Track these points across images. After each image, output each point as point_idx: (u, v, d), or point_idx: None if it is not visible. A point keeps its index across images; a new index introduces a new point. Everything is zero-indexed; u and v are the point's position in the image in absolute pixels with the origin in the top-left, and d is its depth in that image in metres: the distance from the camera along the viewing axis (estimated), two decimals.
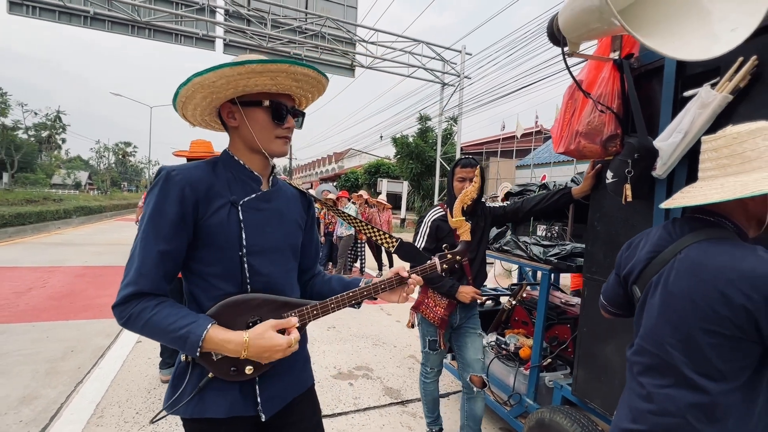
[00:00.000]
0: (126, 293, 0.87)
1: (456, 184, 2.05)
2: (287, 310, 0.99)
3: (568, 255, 2.13)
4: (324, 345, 3.87)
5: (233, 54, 12.78)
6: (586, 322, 1.80)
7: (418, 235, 2.11)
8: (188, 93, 0.94)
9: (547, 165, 15.05)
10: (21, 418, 2.36)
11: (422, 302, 2.13)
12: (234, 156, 1.02)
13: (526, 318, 2.69)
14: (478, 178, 1.97)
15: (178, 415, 0.97)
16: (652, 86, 1.52)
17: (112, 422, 2.39)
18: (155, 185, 0.92)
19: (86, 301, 4.78)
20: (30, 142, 30.23)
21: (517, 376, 2.31)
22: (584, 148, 1.64)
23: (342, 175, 27.14)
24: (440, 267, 1.15)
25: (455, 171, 2.07)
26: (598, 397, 1.70)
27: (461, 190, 2.00)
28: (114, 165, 51.35)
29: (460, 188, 2.02)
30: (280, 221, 1.05)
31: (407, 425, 2.58)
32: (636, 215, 1.57)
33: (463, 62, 14.87)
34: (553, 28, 1.41)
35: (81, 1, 10.94)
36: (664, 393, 0.86)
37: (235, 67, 0.88)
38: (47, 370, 2.99)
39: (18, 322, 3.93)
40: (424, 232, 2.08)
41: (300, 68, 0.94)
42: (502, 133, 19.33)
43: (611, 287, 1.14)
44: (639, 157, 1.39)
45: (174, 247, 0.91)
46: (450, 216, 1.49)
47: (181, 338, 0.86)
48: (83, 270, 6.50)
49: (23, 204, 12.06)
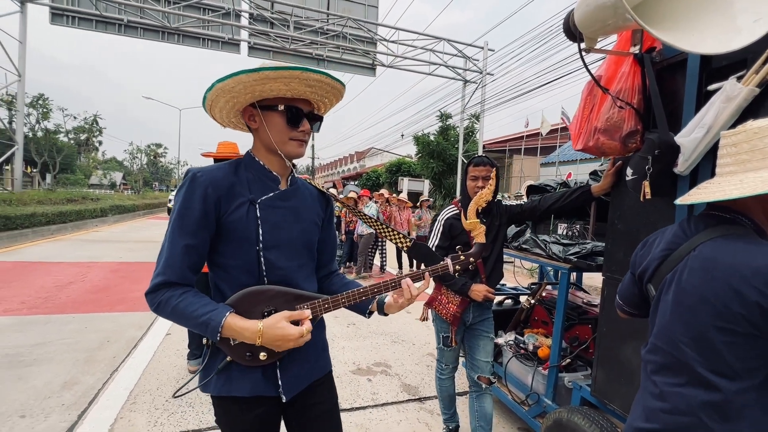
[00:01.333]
0: (156, 282, 0.96)
1: (468, 183, 2.05)
2: (300, 302, 1.04)
3: (589, 254, 2.09)
4: (343, 341, 3.94)
5: (257, 57, 13.10)
6: (606, 322, 1.77)
7: (432, 233, 2.14)
8: (213, 97, 1.01)
9: (572, 162, 14.62)
10: (63, 402, 2.53)
11: (435, 299, 2.15)
12: (255, 157, 1.09)
13: (546, 317, 2.66)
14: (493, 179, 1.96)
15: (208, 392, 1.06)
16: (675, 80, 1.48)
17: (144, 408, 2.53)
18: (182, 185, 1.00)
19: (121, 295, 5.05)
20: (70, 145, 32.01)
21: (536, 376, 2.28)
22: (603, 145, 1.61)
23: (363, 173, 27.32)
24: (452, 268, 1.16)
25: (468, 169, 2.07)
26: (617, 399, 1.67)
27: (474, 189, 2.00)
28: (146, 166, 53.64)
29: (473, 187, 2.01)
30: (296, 219, 1.10)
31: (424, 422, 2.60)
32: (657, 213, 1.53)
33: (485, 59, 14.66)
34: (569, 24, 1.39)
35: (116, 10, 11.51)
36: (676, 391, 0.85)
37: (251, 74, 0.94)
38: (86, 358, 3.19)
39: (60, 314, 4.20)
40: (437, 231, 2.10)
41: (313, 74, 0.98)
42: (526, 130, 18.92)
43: (626, 287, 1.12)
44: (660, 154, 1.35)
45: (198, 242, 0.99)
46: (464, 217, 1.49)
47: (203, 324, 0.94)
48: (118, 266, 6.85)
49: (64, 203, 12.81)
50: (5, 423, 2.27)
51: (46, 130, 25.22)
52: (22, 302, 4.47)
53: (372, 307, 1.19)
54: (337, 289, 1.24)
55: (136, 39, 11.98)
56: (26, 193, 12.82)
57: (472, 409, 2.15)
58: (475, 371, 2.13)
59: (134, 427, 2.32)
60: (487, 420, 2.11)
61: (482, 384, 2.11)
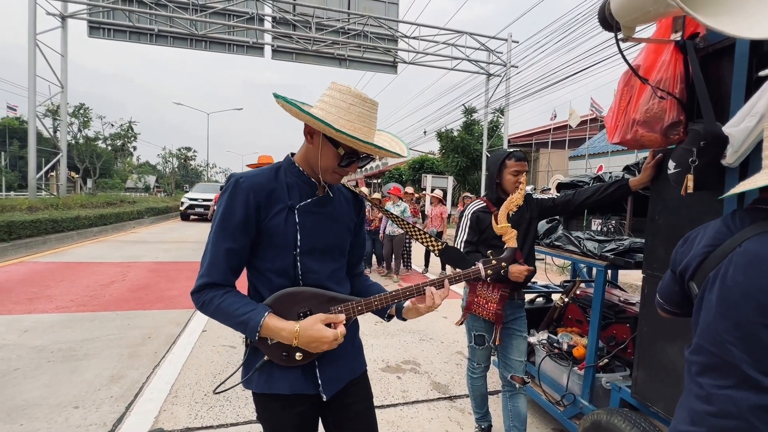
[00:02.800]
0: (200, 283, 1.01)
1: (509, 178, 1.99)
2: (334, 304, 1.07)
3: (627, 250, 2.01)
4: (372, 339, 3.97)
5: (281, 59, 13.34)
6: (648, 321, 1.70)
7: (460, 229, 2.10)
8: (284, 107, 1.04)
9: (603, 155, 14.08)
10: (111, 394, 2.69)
11: (473, 302, 2.10)
12: (295, 163, 1.12)
13: (580, 316, 2.58)
14: (525, 179, 1.92)
15: (250, 389, 1.11)
16: (722, 67, 1.40)
17: (185, 402, 2.65)
18: (225, 190, 1.04)
19: (159, 293, 5.30)
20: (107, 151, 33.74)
21: (571, 376, 2.23)
22: (642, 138, 1.55)
23: (386, 171, 27.32)
24: (484, 272, 1.16)
25: (507, 164, 1.99)
26: (661, 401, 1.61)
27: (515, 183, 1.95)
28: (177, 169, 55.78)
29: (514, 182, 1.96)
30: (332, 224, 1.14)
31: (456, 420, 2.59)
32: (702, 207, 1.46)
33: (509, 51, 14.33)
34: (605, 13, 1.35)
35: (147, 21, 12.02)
36: (724, 394, 0.81)
37: (329, 128, 0.96)
38: (129, 353, 3.37)
39: (104, 311, 4.45)
40: (465, 225, 2.07)
41: (382, 152, 1.04)
42: (553, 123, 18.35)
43: (667, 285, 1.08)
44: (705, 145, 1.28)
45: (239, 245, 1.03)
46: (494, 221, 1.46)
47: (243, 323, 0.98)
48: (155, 265, 7.18)
49: (104, 206, 13.54)
50: (61, 413, 2.44)
51: (86, 138, 26.67)
52: (71, 300, 4.77)
53: (391, 311, 1.21)
54: (360, 290, 1.27)
55: (166, 47, 12.49)
56: (70, 198, 13.63)
57: (506, 409, 2.12)
58: (509, 370, 2.09)
59: (177, 420, 2.44)
60: (522, 420, 2.07)
61: (516, 384, 2.07)
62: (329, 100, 1.03)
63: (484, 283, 2.05)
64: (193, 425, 2.39)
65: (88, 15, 11.88)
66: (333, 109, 1.01)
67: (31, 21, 11.23)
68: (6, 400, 2.55)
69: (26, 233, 8.23)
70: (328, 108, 1.02)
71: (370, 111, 1.03)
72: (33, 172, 11.94)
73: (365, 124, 1.02)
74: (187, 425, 2.39)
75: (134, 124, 32.22)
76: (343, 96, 1.02)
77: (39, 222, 8.67)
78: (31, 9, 11.18)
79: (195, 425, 2.39)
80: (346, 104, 1.01)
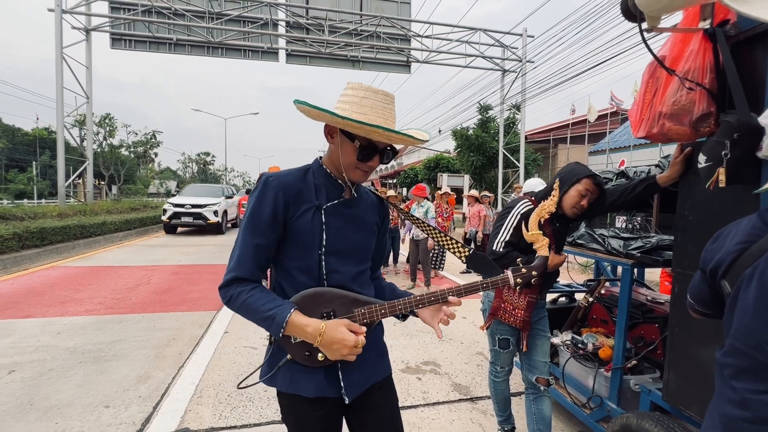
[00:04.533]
0: (228, 278, 1.04)
1: (574, 194, 1.85)
2: (357, 305, 1.07)
3: (654, 248, 1.94)
4: (390, 339, 3.97)
5: (296, 63, 13.48)
6: (678, 321, 1.64)
7: (504, 226, 1.92)
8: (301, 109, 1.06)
9: (625, 149, 13.69)
10: (139, 394, 2.78)
11: (499, 307, 2.04)
12: (323, 165, 1.14)
13: (605, 316, 2.51)
14: (557, 191, 1.86)
15: (273, 386, 1.12)
16: (755, 55, 1.33)
17: (209, 402, 2.71)
18: (256, 188, 1.07)
19: (181, 296, 5.43)
20: (131, 158, 34.91)
21: (597, 378, 2.17)
22: (670, 131, 1.49)
23: (401, 171, 27.27)
24: (513, 281, 1.13)
25: (583, 181, 1.84)
26: (695, 404, 1.55)
27: (578, 201, 1.84)
28: (196, 174, 57.14)
29: (578, 200, 1.84)
30: (357, 226, 1.14)
31: (478, 422, 2.55)
32: (736, 202, 1.39)
33: (524, 46, 14.08)
34: (627, 3, 1.30)
35: (166, 31, 12.36)
36: (761, 399, 0.77)
37: (334, 117, 0.99)
38: (156, 354, 3.47)
39: (131, 313, 4.60)
40: (510, 225, 1.90)
41: (395, 135, 1.03)
42: (572, 118, 17.95)
43: (696, 284, 1.03)
44: (739, 137, 1.22)
45: (267, 242, 1.05)
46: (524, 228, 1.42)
47: (269, 318, 1.00)
48: (177, 268, 7.37)
49: (129, 212, 13.99)
50: (93, 412, 2.53)
51: (111, 146, 27.66)
52: (99, 303, 4.94)
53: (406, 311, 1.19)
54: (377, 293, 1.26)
55: (184, 55, 12.82)
56: (97, 204, 14.13)
57: (530, 412, 2.07)
58: (533, 372, 2.04)
59: (202, 419, 2.49)
60: (546, 423, 2.02)
61: (540, 386, 2.02)
62: (344, 98, 1.06)
63: (510, 288, 1.99)
64: (218, 425, 2.44)
65: (110, 27, 12.31)
66: (347, 105, 1.04)
67: (57, 36, 11.71)
68: (42, 399, 2.66)
69: (57, 239, 8.58)
70: (342, 105, 1.05)
71: (384, 102, 1.05)
72: (62, 180, 12.43)
73: (379, 114, 1.03)
74: (212, 425, 2.43)
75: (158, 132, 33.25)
76: (355, 92, 1.05)
77: (68, 228, 9.03)
78: (58, 24, 11.65)
79: (219, 425, 2.44)
80: (358, 98, 1.04)
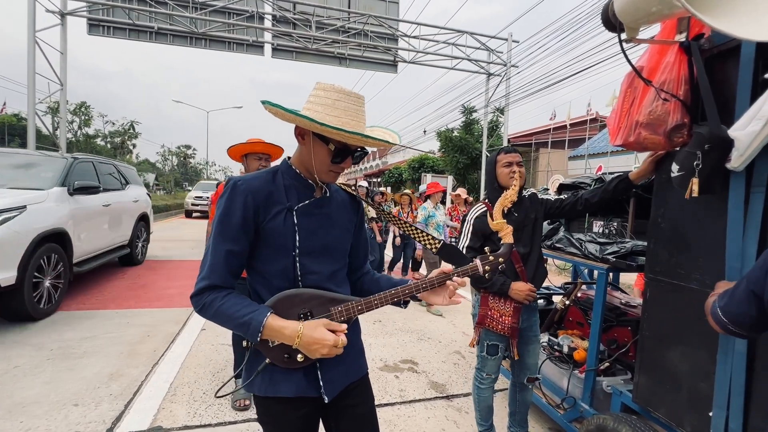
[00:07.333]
0: (201, 286, 1.01)
1: (503, 170, 1.99)
2: (334, 304, 1.07)
3: (629, 253, 2.00)
4: (370, 338, 3.97)
5: (281, 58, 13.29)
6: (649, 325, 1.69)
7: (462, 233, 2.09)
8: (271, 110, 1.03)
9: (603, 155, 14.07)
10: (111, 392, 2.68)
11: (486, 315, 2.05)
12: (292, 165, 1.12)
13: (581, 319, 2.58)
14: (521, 172, 1.93)
15: (252, 392, 1.10)
16: (727, 69, 1.39)
17: (184, 400, 2.64)
18: (224, 194, 1.04)
19: (157, 292, 5.28)
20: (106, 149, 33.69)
21: (571, 379, 2.22)
22: (645, 140, 1.54)
23: (386, 171, 27.30)
24: (482, 269, 1.15)
25: (499, 159, 2.02)
26: (662, 406, 1.60)
27: (509, 175, 1.96)
28: (176, 167, 55.68)
29: (508, 173, 1.97)
30: (330, 225, 1.13)
31: (453, 419, 2.58)
32: (706, 210, 1.45)
33: (509, 50, 14.30)
34: (608, 13, 1.34)
35: (147, 19, 11.98)
36: None
37: (313, 123, 0.97)
38: (129, 351, 3.36)
39: (104, 309, 4.44)
40: (467, 231, 2.06)
41: (371, 141, 1.03)
42: (553, 123, 18.34)
43: (739, 305, 0.96)
44: (710, 148, 1.27)
45: (239, 248, 1.03)
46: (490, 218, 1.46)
47: (245, 324, 0.98)
48: (154, 263, 7.16)
49: None
50: (61, 410, 2.43)
51: (86, 135, 26.62)
52: (69, 298, 4.75)
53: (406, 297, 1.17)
54: (369, 287, 1.26)
55: (166, 45, 12.45)
56: None
57: (513, 398, 2.23)
58: (525, 374, 2.13)
59: (176, 418, 2.43)
60: (527, 407, 2.23)
61: (529, 384, 2.15)
62: (315, 99, 1.04)
63: (495, 295, 2.03)
64: (192, 423, 2.38)
65: (87, 12, 11.84)
66: (319, 107, 1.02)
67: (30, 18, 11.18)
68: (5, 397, 2.54)
69: None
70: (314, 107, 1.02)
71: (356, 105, 1.04)
72: None
73: (352, 117, 1.02)
74: (186, 423, 2.38)
75: (136, 124, 32.22)
76: (327, 93, 1.02)
77: None
78: (30, 6, 11.13)
79: (194, 423, 2.38)
80: (331, 100, 1.02)
